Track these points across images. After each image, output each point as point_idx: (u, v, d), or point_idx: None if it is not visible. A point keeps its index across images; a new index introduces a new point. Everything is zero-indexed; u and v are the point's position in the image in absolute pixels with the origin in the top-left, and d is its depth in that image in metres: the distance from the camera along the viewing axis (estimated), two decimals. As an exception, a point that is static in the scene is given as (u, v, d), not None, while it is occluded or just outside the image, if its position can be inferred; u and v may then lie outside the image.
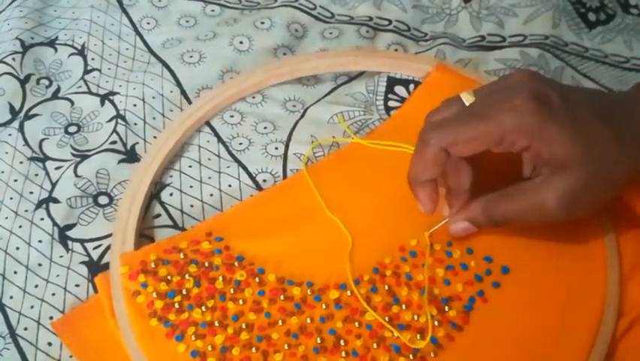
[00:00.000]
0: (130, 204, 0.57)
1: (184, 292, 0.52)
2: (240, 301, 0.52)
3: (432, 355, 0.49)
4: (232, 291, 0.52)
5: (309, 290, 0.52)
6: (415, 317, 0.50)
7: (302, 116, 0.65)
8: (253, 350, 0.49)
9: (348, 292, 0.52)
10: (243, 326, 0.50)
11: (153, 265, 0.53)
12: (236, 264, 0.54)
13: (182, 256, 0.54)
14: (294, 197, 0.58)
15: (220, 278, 0.53)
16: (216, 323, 0.50)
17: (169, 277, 0.53)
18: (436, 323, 0.50)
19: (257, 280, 0.53)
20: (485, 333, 0.50)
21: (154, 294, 0.52)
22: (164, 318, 0.51)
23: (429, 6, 0.77)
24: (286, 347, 0.49)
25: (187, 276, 0.53)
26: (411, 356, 0.48)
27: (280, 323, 0.51)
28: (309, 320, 0.51)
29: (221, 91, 0.66)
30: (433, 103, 0.53)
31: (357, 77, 0.68)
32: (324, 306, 0.51)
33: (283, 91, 0.67)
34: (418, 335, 0.49)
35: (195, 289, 0.52)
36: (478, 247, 0.54)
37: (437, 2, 0.77)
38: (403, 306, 0.51)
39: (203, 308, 0.51)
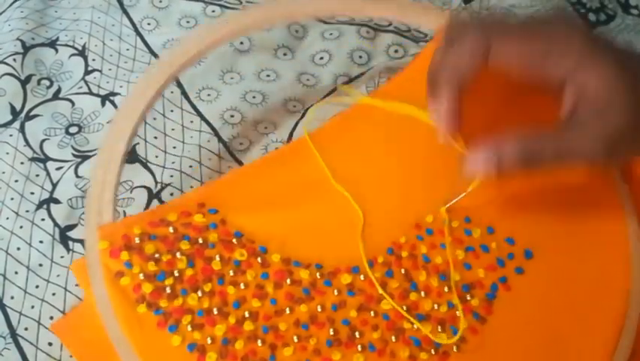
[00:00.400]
0: (106, 167, 0.49)
1: (176, 273, 0.46)
2: (242, 285, 0.46)
3: (455, 349, 0.45)
4: (232, 273, 0.47)
5: (318, 273, 0.47)
6: (436, 305, 0.46)
7: (302, 116, 0.65)
8: (259, 342, 0.44)
9: (362, 277, 0.47)
10: (246, 314, 0.45)
11: (138, 241, 0.47)
12: (234, 241, 0.48)
13: (171, 230, 0.48)
14: (297, 165, 0.52)
15: (217, 258, 0.47)
16: (215, 311, 0.45)
17: (157, 256, 0.46)
18: (457, 313, 0.46)
19: (259, 260, 0.47)
20: (509, 325, 0.46)
21: (141, 275, 0.46)
22: (155, 304, 0.45)
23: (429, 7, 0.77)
24: (296, 339, 0.45)
25: (178, 254, 0.47)
26: (432, 351, 0.45)
27: (288, 311, 0.46)
28: (319, 308, 0.46)
29: (206, 34, 0.56)
30: None
31: (357, 77, 0.68)
32: (335, 292, 0.47)
33: (283, 90, 0.67)
34: (439, 327, 0.45)
35: (189, 270, 0.46)
36: (499, 225, 0.49)
37: (437, 3, 0.77)
38: (422, 293, 0.47)
39: (200, 293, 0.46)
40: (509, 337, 0.46)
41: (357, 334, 0.45)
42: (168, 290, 0.46)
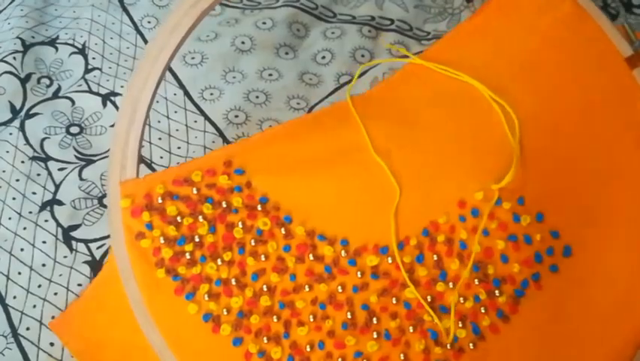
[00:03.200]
0: (131, 118, 0.46)
1: (197, 239, 0.45)
2: (262, 257, 0.45)
3: (471, 346, 0.44)
4: (253, 243, 0.45)
5: (343, 251, 0.45)
6: (461, 299, 0.44)
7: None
8: (274, 318, 0.44)
9: (389, 259, 0.45)
10: (264, 288, 0.44)
11: (160, 200, 0.45)
12: (259, 207, 0.46)
13: (194, 191, 0.46)
14: (334, 130, 0.49)
15: (239, 225, 0.45)
16: (233, 282, 0.44)
17: (179, 219, 0.45)
18: (482, 309, 0.44)
19: (282, 231, 0.45)
20: (532, 327, 0.44)
21: (161, 239, 0.45)
22: (173, 270, 0.44)
23: (431, 5, 0.77)
24: (311, 318, 0.44)
25: (200, 218, 0.45)
26: (448, 346, 0.44)
27: (307, 288, 0.44)
28: (340, 289, 0.44)
29: None
30: (509, 17, 0.45)
31: (360, 76, 0.68)
32: (359, 274, 0.45)
33: (286, 89, 0.67)
34: (460, 322, 0.44)
35: (210, 236, 0.45)
36: (550, 212, 0.46)
37: (439, 2, 0.77)
38: (450, 285, 0.44)
39: (219, 262, 0.44)
40: (530, 339, 0.45)
41: (374, 320, 0.44)
42: (188, 256, 0.45)
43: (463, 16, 0.75)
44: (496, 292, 0.44)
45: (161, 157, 0.62)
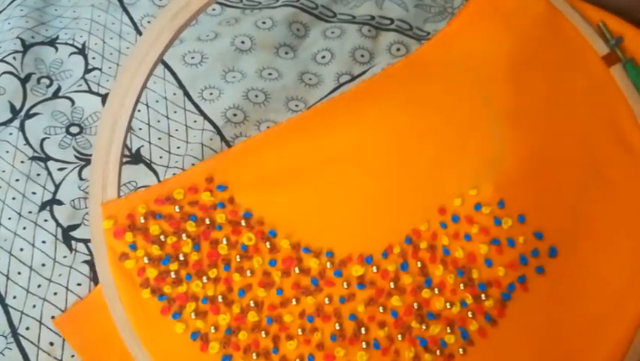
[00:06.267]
0: (110, 137, 0.46)
1: (181, 257, 0.45)
2: (248, 273, 0.45)
3: (460, 351, 0.44)
4: (238, 258, 0.45)
5: (328, 263, 0.46)
6: (448, 304, 0.45)
7: (305, 115, 0.64)
8: (262, 334, 0.44)
9: (374, 268, 0.45)
10: (251, 303, 0.45)
11: (143, 220, 0.46)
12: (243, 223, 0.46)
13: (177, 209, 0.46)
14: (316, 135, 0.49)
15: (224, 241, 0.46)
16: (220, 299, 0.44)
17: (162, 238, 0.45)
18: (469, 313, 0.45)
19: (267, 245, 0.46)
20: (519, 329, 0.45)
21: (145, 259, 0.45)
22: (159, 290, 0.45)
23: (431, 5, 0.77)
24: (300, 332, 0.44)
25: (184, 236, 0.45)
26: (438, 353, 0.44)
27: (294, 301, 0.45)
28: (327, 301, 0.45)
29: None
30: (488, 21, 0.45)
31: (359, 76, 0.68)
32: (345, 285, 0.45)
33: (285, 90, 0.67)
34: (448, 328, 0.44)
35: (194, 254, 0.45)
36: (531, 214, 0.47)
37: (439, 1, 0.77)
38: (435, 290, 0.45)
39: (204, 279, 0.45)
40: (519, 342, 0.45)
41: (362, 330, 0.45)
42: (173, 275, 0.45)
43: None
44: (483, 296, 0.45)
45: (161, 157, 0.62)
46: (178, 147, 0.63)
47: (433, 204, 0.47)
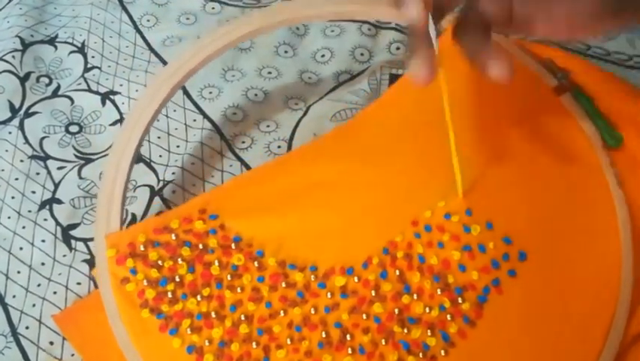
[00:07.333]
0: (114, 177, 0.52)
1: (177, 279, 0.48)
2: (238, 290, 0.48)
3: (442, 353, 0.46)
4: (229, 277, 0.49)
5: (312, 276, 0.49)
6: (427, 309, 0.47)
7: (305, 114, 0.64)
8: (253, 345, 0.46)
9: (356, 279, 0.49)
10: (242, 317, 0.47)
11: (142, 248, 0.49)
12: (233, 246, 0.50)
13: (173, 237, 0.50)
14: (298, 171, 0.54)
15: (216, 263, 0.49)
16: (213, 314, 0.47)
17: (160, 262, 0.49)
18: (448, 316, 0.47)
19: (256, 264, 0.49)
20: (498, 329, 0.47)
21: (144, 282, 0.48)
22: (157, 309, 0.48)
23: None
24: (289, 341, 0.46)
25: (180, 260, 0.49)
26: (420, 355, 0.46)
27: (282, 313, 0.47)
28: (312, 311, 0.48)
29: (211, 41, 0.55)
30: (447, 64, 0.47)
31: (359, 74, 0.68)
32: (328, 295, 0.48)
33: (285, 89, 0.67)
34: (429, 331, 0.47)
35: (189, 275, 0.49)
36: (498, 221, 0.50)
37: (438, 0, 0.77)
38: (414, 296, 0.48)
39: (199, 297, 0.48)
40: (498, 341, 0.47)
41: (348, 337, 0.47)
42: (170, 295, 0.48)
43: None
44: (459, 299, 0.47)
45: (160, 156, 0.62)
46: (177, 146, 0.63)
47: (406, 217, 0.51)
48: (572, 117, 0.57)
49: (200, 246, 0.50)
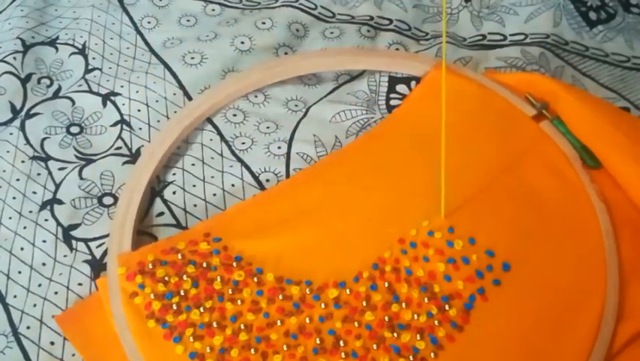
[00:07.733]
0: (127, 204, 0.57)
1: (182, 293, 0.51)
2: (239, 302, 0.51)
3: (432, 355, 0.48)
4: (230, 291, 0.52)
5: (307, 289, 0.52)
6: (415, 316, 0.50)
7: (304, 115, 0.65)
8: (252, 351, 0.49)
9: (347, 291, 0.51)
10: (242, 326, 0.50)
11: (151, 266, 0.52)
12: (234, 264, 0.53)
13: (179, 256, 0.53)
14: (294, 196, 0.58)
15: (218, 279, 0.52)
16: (214, 324, 0.50)
17: (167, 278, 0.52)
18: (436, 322, 0.50)
19: (255, 280, 0.52)
20: (485, 333, 0.49)
21: (151, 295, 0.51)
22: (162, 319, 0.50)
23: (429, 5, 0.77)
24: (285, 347, 0.49)
25: (185, 277, 0.52)
26: (411, 358, 0.48)
27: (279, 323, 0.50)
28: (307, 320, 0.50)
29: (220, 89, 0.65)
30: (431, 101, 0.53)
31: (358, 75, 0.68)
32: (322, 305, 0.51)
33: (285, 90, 0.67)
34: (418, 335, 0.49)
35: (193, 290, 0.52)
36: (480, 237, 0.53)
37: (438, 1, 0.77)
38: (403, 304, 0.51)
39: (202, 309, 0.51)
40: (485, 345, 0.49)
41: (341, 342, 0.49)
42: (174, 307, 0.51)
43: (461, 16, 0.75)
44: (446, 306, 0.50)
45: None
46: (178, 147, 0.63)
47: (393, 236, 0.54)
48: (551, 141, 0.60)
49: (204, 264, 0.53)
